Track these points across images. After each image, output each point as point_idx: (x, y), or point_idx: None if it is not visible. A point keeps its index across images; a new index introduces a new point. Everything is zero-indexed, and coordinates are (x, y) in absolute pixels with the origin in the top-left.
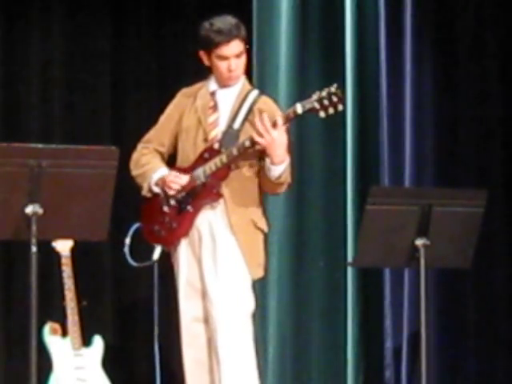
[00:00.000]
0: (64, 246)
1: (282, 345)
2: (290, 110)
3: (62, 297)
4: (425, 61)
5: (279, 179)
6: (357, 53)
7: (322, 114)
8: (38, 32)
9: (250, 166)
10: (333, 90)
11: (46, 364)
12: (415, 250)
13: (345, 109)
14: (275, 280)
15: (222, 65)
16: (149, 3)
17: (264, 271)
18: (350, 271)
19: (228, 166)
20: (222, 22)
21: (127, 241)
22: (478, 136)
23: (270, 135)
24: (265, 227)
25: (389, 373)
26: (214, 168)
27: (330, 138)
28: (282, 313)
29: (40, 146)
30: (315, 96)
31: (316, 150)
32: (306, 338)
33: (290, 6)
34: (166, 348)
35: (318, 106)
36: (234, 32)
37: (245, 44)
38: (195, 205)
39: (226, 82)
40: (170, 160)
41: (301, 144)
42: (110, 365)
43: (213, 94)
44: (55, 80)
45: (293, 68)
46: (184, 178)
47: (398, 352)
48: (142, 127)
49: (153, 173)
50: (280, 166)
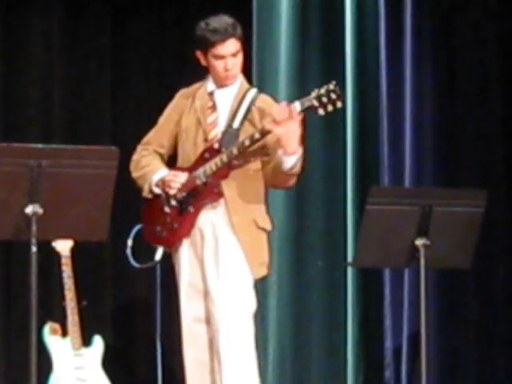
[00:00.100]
0: (64, 246)
1: (282, 345)
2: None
3: (62, 297)
4: (425, 61)
5: (292, 170)
6: (357, 53)
7: (321, 112)
8: (38, 32)
9: (251, 165)
10: (331, 88)
11: (46, 364)
12: (415, 250)
13: (345, 109)
14: (275, 280)
15: (219, 64)
16: (149, 3)
17: (268, 269)
18: (349, 271)
19: (228, 165)
20: (217, 21)
21: (129, 242)
22: (478, 136)
23: (288, 125)
24: (268, 226)
25: (389, 373)
26: (214, 168)
27: (330, 137)
28: (281, 313)
29: (40, 145)
30: (314, 94)
31: (316, 150)
32: (305, 338)
33: (290, 5)
34: (167, 348)
35: (316, 104)
36: (229, 31)
37: (241, 43)
38: (196, 205)
39: (222, 82)
40: (171, 161)
41: None
42: (109, 365)
43: (211, 94)
44: (55, 80)
45: (293, 68)
46: (182, 176)
47: (398, 352)
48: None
49: (153, 174)
50: (293, 157)
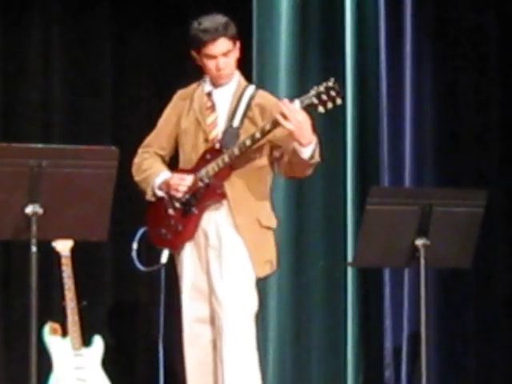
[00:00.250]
0: (64, 246)
1: (282, 345)
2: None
3: (62, 297)
4: (425, 61)
5: (312, 160)
6: (357, 53)
7: (321, 109)
8: (38, 32)
9: (253, 164)
10: (330, 85)
11: (46, 364)
12: (415, 250)
13: (345, 109)
14: (275, 280)
15: (211, 64)
16: (149, 3)
17: (275, 266)
18: (349, 271)
19: (230, 165)
20: (209, 20)
21: (134, 245)
22: (478, 136)
23: (296, 118)
24: (272, 224)
25: (389, 373)
26: (216, 169)
27: (330, 137)
28: (281, 313)
29: (40, 145)
30: (313, 91)
31: None
32: (306, 338)
33: (290, 5)
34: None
35: (316, 101)
36: (220, 31)
37: (234, 42)
38: (200, 206)
39: (216, 81)
40: (172, 162)
41: None
42: (109, 365)
43: (209, 95)
44: (55, 80)
45: (293, 68)
46: (188, 179)
47: (398, 352)
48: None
49: (155, 177)
50: (310, 147)
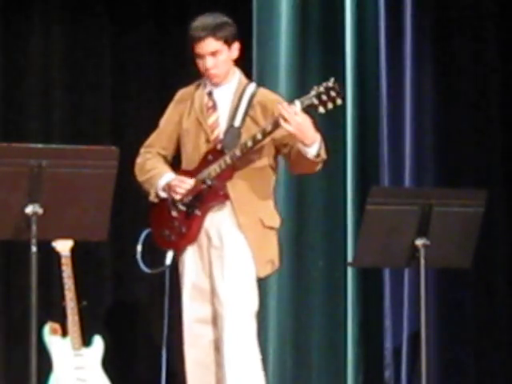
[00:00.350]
0: (64, 246)
1: (282, 345)
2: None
3: (62, 297)
4: (425, 61)
5: (318, 158)
6: (357, 53)
7: (322, 110)
8: (38, 32)
9: (256, 164)
10: (330, 85)
11: (46, 364)
12: (415, 250)
13: (345, 109)
14: (275, 280)
15: (200, 63)
16: (149, 2)
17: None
18: (349, 271)
19: (232, 166)
20: (202, 19)
21: (139, 247)
22: (478, 136)
23: (296, 121)
24: (275, 223)
25: (389, 373)
26: (218, 170)
27: (330, 137)
28: (281, 313)
29: (40, 145)
30: (313, 92)
31: None
32: (306, 337)
33: (290, 5)
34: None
35: (316, 102)
36: (207, 31)
37: (227, 43)
38: (203, 208)
39: (209, 81)
40: (175, 161)
41: None
42: (110, 365)
43: (210, 94)
44: (55, 80)
45: (293, 68)
46: (189, 182)
47: (398, 352)
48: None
49: (159, 178)
50: (314, 146)
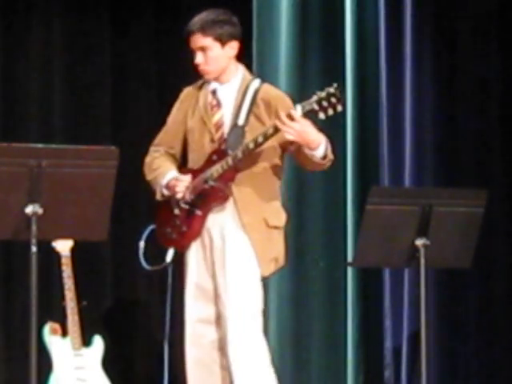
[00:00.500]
0: (64, 246)
1: (282, 344)
2: (290, 110)
3: (62, 297)
4: (425, 61)
5: (325, 159)
6: (357, 53)
7: (322, 116)
8: (38, 31)
9: (260, 164)
10: (331, 91)
11: (46, 364)
12: (415, 250)
13: (345, 109)
14: (275, 280)
15: (193, 58)
16: (149, 2)
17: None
18: (350, 271)
19: (234, 168)
20: (199, 15)
21: (141, 244)
22: (478, 136)
23: (294, 128)
24: (280, 222)
25: (389, 373)
26: (220, 171)
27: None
28: (282, 313)
29: (40, 145)
30: (315, 97)
31: None
32: (306, 338)
33: (290, 5)
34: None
35: (317, 108)
36: (196, 26)
37: (219, 41)
38: (204, 208)
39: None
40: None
41: None
42: (110, 365)
43: (214, 93)
44: (55, 80)
45: (293, 68)
46: (185, 179)
47: (398, 352)
48: (141, 127)
49: (162, 177)
50: (320, 149)
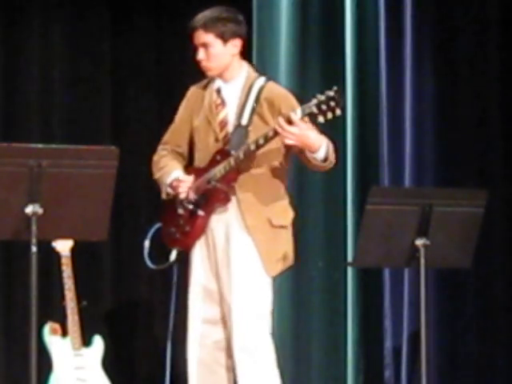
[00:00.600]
0: (64, 246)
1: (282, 345)
2: (290, 114)
3: (62, 297)
4: (425, 61)
5: (326, 162)
6: (357, 53)
7: (321, 119)
8: (37, 32)
9: (264, 164)
10: (331, 95)
11: (46, 364)
12: (415, 250)
13: (345, 109)
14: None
15: (196, 54)
16: (149, 2)
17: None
18: (349, 271)
19: (237, 169)
20: (203, 12)
21: (146, 243)
22: (478, 136)
23: (292, 133)
24: (285, 221)
25: (389, 373)
26: (223, 171)
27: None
28: (282, 313)
29: (40, 145)
30: (314, 100)
31: None
32: (306, 338)
33: (290, 5)
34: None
35: (316, 111)
36: (198, 22)
37: (220, 38)
38: (206, 208)
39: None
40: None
41: None
42: (110, 365)
43: (218, 91)
44: (55, 80)
45: (293, 68)
46: (188, 180)
47: (398, 352)
48: (141, 127)
49: (167, 176)
50: (320, 152)
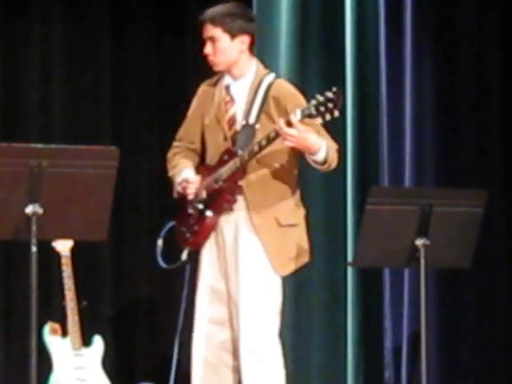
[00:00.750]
0: (64, 246)
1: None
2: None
3: (62, 297)
4: (425, 61)
5: (324, 164)
6: (357, 53)
7: (320, 120)
8: (38, 32)
9: (271, 164)
10: (330, 96)
11: (46, 364)
12: (415, 250)
13: (345, 109)
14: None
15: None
16: (149, 2)
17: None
18: (349, 271)
19: (242, 169)
20: (215, 6)
21: (159, 242)
22: (478, 136)
23: (291, 135)
24: (295, 220)
25: (389, 373)
26: (229, 172)
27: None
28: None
29: (40, 146)
30: (314, 101)
31: None
32: (306, 338)
33: (290, 5)
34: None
35: (314, 112)
36: (207, 16)
37: (228, 33)
38: (214, 208)
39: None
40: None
41: None
42: (109, 365)
43: (227, 88)
44: (55, 80)
45: (293, 68)
46: (195, 181)
47: (398, 352)
48: (141, 127)
49: (178, 175)
50: (319, 154)
